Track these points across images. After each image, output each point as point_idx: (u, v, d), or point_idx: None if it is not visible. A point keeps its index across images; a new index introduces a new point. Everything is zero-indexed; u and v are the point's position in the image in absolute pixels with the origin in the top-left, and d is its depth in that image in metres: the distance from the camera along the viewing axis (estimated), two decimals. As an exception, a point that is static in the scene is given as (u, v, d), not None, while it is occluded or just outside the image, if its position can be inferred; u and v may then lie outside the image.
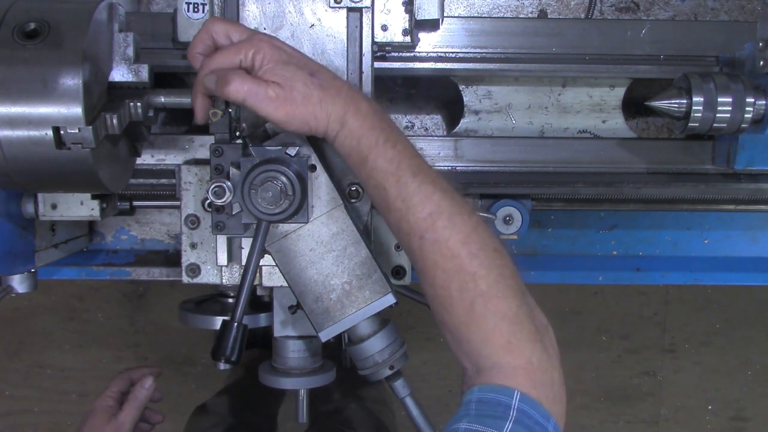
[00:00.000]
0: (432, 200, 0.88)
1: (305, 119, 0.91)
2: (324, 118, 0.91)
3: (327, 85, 0.92)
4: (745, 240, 1.63)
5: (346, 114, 0.91)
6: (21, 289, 1.28)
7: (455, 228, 0.87)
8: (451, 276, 0.87)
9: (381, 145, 0.90)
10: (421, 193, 0.88)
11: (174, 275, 1.53)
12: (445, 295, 0.88)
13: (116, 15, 1.03)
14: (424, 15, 1.18)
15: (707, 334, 2.70)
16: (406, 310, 2.50)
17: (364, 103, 0.93)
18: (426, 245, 0.88)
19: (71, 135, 0.92)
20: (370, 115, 0.92)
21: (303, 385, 1.22)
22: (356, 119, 0.91)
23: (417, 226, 0.88)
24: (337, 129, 0.92)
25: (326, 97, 0.91)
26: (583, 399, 2.71)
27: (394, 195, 0.89)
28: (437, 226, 0.87)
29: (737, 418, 2.76)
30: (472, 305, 0.86)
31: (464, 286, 0.87)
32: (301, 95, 0.90)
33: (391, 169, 0.89)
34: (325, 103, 0.91)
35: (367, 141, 0.91)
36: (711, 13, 1.58)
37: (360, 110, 0.92)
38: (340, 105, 0.91)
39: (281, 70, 0.91)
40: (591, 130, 1.43)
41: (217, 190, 0.97)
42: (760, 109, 1.19)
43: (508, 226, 1.34)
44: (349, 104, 0.92)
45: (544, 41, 1.33)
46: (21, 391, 2.63)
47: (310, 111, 0.91)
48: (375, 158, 0.90)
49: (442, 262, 0.87)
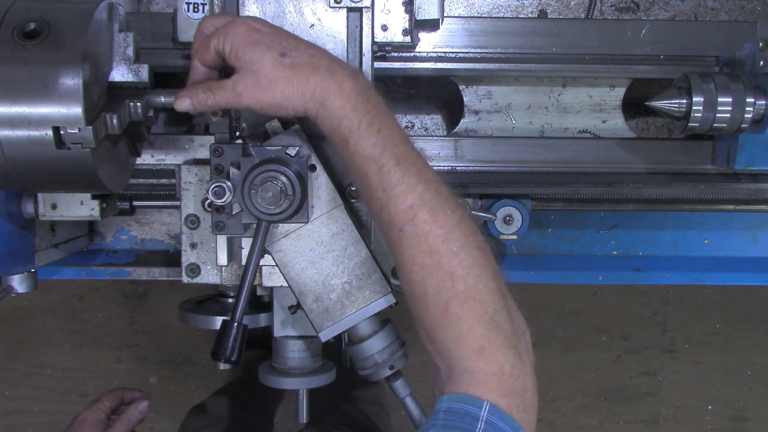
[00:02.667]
0: (414, 192, 0.84)
1: (277, 102, 0.88)
2: (298, 97, 0.87)
3: (300, 63, 0.87)
4: (745, 240, 1.63)
5: (325, 92, 0.86)
6: (21, 289, 1.28)
7: (436, 223, 0.83)
8: (428, 273, 0.84)
9: (364, 129, 0.86)
10: (403, 184, 0.84)
11: (174, 275, 1.53)
12: (421, 293, 0.85)
13: (116, 15, 1.03)
14: (424, 15, 1.18)
15: (707, 334, 2.70)
16: (406, 310, 2.49)
17: (348, 80, 0.87)
18: (405, 238, 0.84)
19: (71, 135, 0.92)
20: (354, 94, 0.87)
21: (303, 385, 1.22)
22: (337, 98, 0.86)
23: (397, 217, 0.84)
24: (316, 108, 0.87)
25: (298, 75, 0.87)
26: (583, 399, 2.71)
27: (376, 183, 0.85)
28: (417, 219, 0.83)
29: (737, 418, 2.76)
30: (447, 305, 0.83)
31: (441, 285, 0.83)
32: (267, 78, 0.87)
33: (374, 155, 0.85)
34: (297, 81, 0.86)
35: (349, 123, 0.86)
36: (711, 13, 1.58)
37: (342, 88, 0.86)
38: (316, 83, 0.86)
39: (247, 53, 0.88)
40: (591, 130, 1.43)
41: (217, 190, 0.97)
42: (760, 109, 1.19)
43: (508, 226, 1.34)
44: (328, 82, 0.86)
45: (544, 41, 1.32)
46: (21, 391, 2.63)
47: (280, 92, 0.87)
48: (356, 142, 0.86)
49: (420, 258, 0.84)
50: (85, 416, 1.30)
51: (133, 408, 1.35)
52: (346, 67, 0.90)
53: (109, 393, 1.37)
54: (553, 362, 2.65)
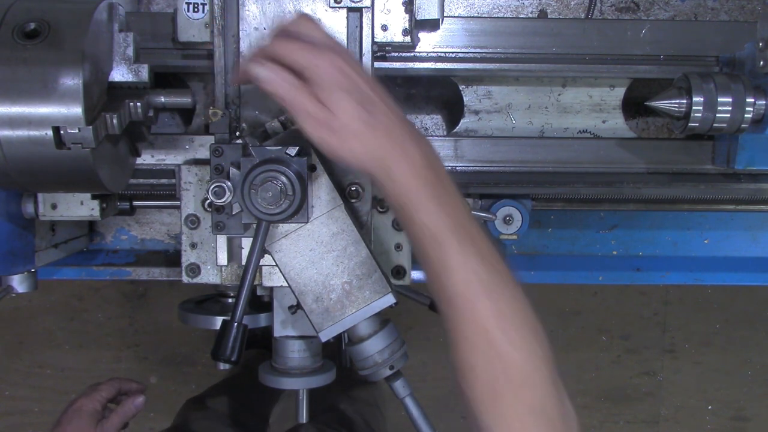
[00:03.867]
0: (470, 267, 0.81)
1: (339, 151, 0.84)
2: (362, 155, 0.84)
3: (374, 122, 0.84)
4: (745, 240, 1.63)
5: (390, 157, 0.83)
6: (21, 289, 1.28)
7: (491, 300, 0.80)
8: (478, 352, 0.80)
9: (425, 200, 0.82)
10: (459, 259, 0.81)
11: (174, 275, 1.53)
12: (468, 369, 0.81)
13: (116, 15, 1.03)
14: (424, 15, 1.18)
15: (707, 334, 2.70)
16: (406, 310, 2.49)
17: (416, 148, 0.84)
18: (457, 313, 0.81)
19: (71, 135, 0.92)
20: (419, 162, 0.83)
21: (303, 385, 1.22)
22: (401, 165, 0.83)
23: (450, 290, 0.82)
24: (378, 171, 0.84)
25: (370, 135, 0.83)
26: (583, 399, 2.71)
27: (432, 255, 0.83)
28: (471, 295, 0.81)
29: (737, 418, 2.76)
30: (495, 388, 0.79)
31: (491, 366, 0.80)
32: (340, 125, 0.83)
33: (432, 226, 0.82)
34: (367, 141, 0.83)
35: (410, 192, 0.83)
36: (711, 13, 1.58)
37: (407, 155, 0.83)
38: (384, 146, 0.83)
39: (329, 91, 0.83)
40: (591, 130, 1.43)
41: (217, 190, 0.97)
42: (760, 109, 1.19)
43: (508, 226, 1.34)
44: (395, 147, 0.83)
45: (544, 41, 1.32)
46: (21, 391, 2.64)
47: (348, 145, 0.83)
48: (416, 211, 0.83)
49: (470, 335, 0.81)
50: (81, 404, 1.30)
51: (129, 402, 1.35)
52: (415, 134, 0.87)
53: (107, 382, 1.37)
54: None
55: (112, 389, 1.36)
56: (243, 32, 1.09)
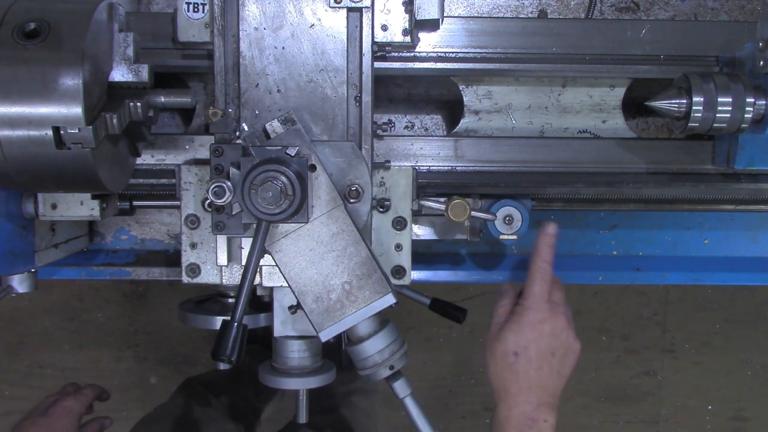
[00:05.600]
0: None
1: (497, 338, 1.10)
2: (503, 366, 1.09)
3: (541, 368, 1.08)
4: (745, 240, 1.63)
5: (512, 393, 1.07)
6: (21, 289, 1.28)
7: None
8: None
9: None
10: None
11: (174, 275, 1.53)
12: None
13: (116, 15, 1.03)
14: (424, 15, 1.18)
15: (707, 334, 2.70)
16: (406, 310, 2.50)
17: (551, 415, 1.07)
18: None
19: (71, 135, 0.93)
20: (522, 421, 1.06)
21: (303, 385, 1.22)
22: (509, 406, 1.07)
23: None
24: (496, 391, 1.10)
25: (520, 366, 1.07)
26: (583, 399, 2.71)
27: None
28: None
29: (737, 418, 2.76)
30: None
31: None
32: (525, 362, 1.08)
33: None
34: (515, 367, 1.07)
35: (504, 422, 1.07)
36: (711, 13, 1.58)
37: (523, 408, 1.06)
38: (516, 383, 1.07)
39: (536, 355, 1.09)
40: (591, 130, 1.43)
41: (217, 190, 0.97)
42: (760, 109, 1.19)
43: (508, 226, 1.34)
44: (523, 394, 1.07)
45: (544, 41, 1.32)
46: (21, 391, 2.64)
47: (506, 380, 1.08)
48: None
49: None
50: (71, 406, 1.36)
51: (105, 421, 1.44)
52: (552, 402, 1.10)
53: (89, 387, 1.44)
54: (553, 362, 2.64)
55: (93, 394, 1.42)
56: (243, 32, 1.09)
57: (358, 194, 1.09)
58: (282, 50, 1.09)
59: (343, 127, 1.11)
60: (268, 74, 1.09)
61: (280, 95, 1.10)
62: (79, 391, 1.41)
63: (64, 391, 1.42)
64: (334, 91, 1.10)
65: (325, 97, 1.10)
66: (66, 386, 1.45)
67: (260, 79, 1.10)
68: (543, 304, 1.11)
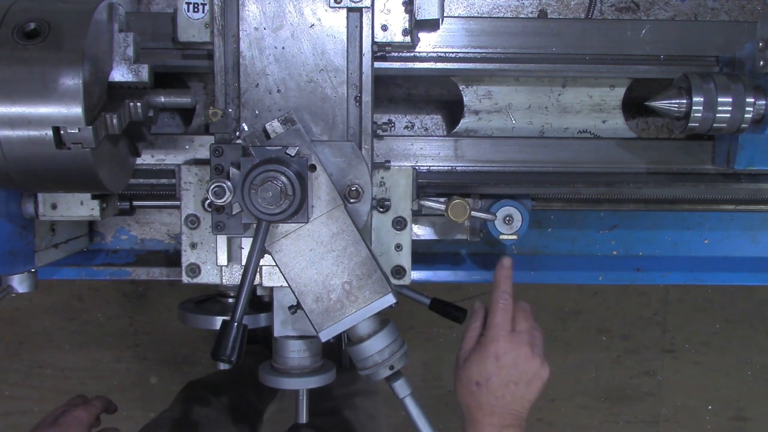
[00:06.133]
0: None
1: (472, 358, 1.16)
2: (476, 410, 1.14)
3: (483, 401, 1.14)
4: (745, 240, 1.63)
5: (482, 415, 1.13)
6: (21, 289, 1.28)
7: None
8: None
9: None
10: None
11: (174, 275, 1.53)
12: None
13: (116, 15, 1.03)
14: (424, 15, 1.18)
15: (707, 334, 2.70)
16: (406, 310, 2.50)
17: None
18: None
19: (71, 135, 0.93)
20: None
21: (303, 385, 1.22)
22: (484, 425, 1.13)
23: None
24: (465, 409, 1.16)
25: (491, 393, 1.13)
26: (583, 399, 2.71)
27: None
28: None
29: (737, 418, 2.76)
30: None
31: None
32: (491, 384, 1.14)
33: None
34: (487, 392, 1.13)
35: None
36: (711, 13, 1.58)
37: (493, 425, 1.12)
38: (490, 405, 1.13)
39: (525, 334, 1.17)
40: (591, 130, 1.43)
41: (217, 190, 0.97)
42: (760, 109, 1.19)
43: (508, 226, 1.34)
44: (493, 416, 1.12)
45: (544, 41, 1.32)
46: (21, 391, 2.64)
47: (475, 398, 1.14)
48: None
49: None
50: (82, 416, 1.38)
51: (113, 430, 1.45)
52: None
53: (97, 398, 1.46)
54: (553, 362, 2.63)
55: (102, 405, 1.45)
56: (243, 32, 1.09)
57: (358, 194, 1.09)
58: (282, 50, 1.09)
59: (343, 127, 1.11)
60: (268, 74, 1.10)
61: (280, 95, 1.10)
62: (87, 402, 1.44)
63: (72, 403, 1.44)
64: (334, 91, 1.10)
65: (325, 97, 1.10)
66: (74, 398, 1.47)
67: (260, 79, 1.10)
68: (504, 336, 1.16)
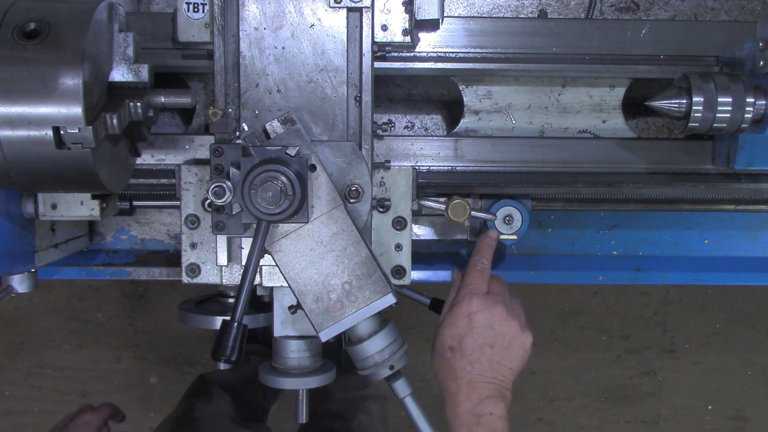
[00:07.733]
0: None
1: (449, 315, 1.09)
2: (453, 383, 1.06)
3: (466, 370, 1.06)
4: (745, 240, 1.63)
5: (462, 385, 1.05)
6: (21, 289, 1.28)
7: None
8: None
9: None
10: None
11: (174, 275, 1.53)
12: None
13: (116, 15, 1.03)
14: (424, 15, 1.18)
15: (707, 334, 2.70)
16: (406, 310, 2.50)
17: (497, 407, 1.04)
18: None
19: (71, 135, 0.93)
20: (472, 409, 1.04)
21: (303, 385, 1.22)
22: (463, 395, 1.05)
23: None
24: (442, 381, 1.08)
25: (465, 375, 1.06)
26: (583, 399, 2.71)
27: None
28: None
29: (737, 418, 2.76)
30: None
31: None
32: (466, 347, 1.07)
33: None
34: (464, 375, 1.05)
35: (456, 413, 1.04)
36: (711, 13, 1.58)
37: (473, 396, 1.04)
38: (470, 401, 1.04)
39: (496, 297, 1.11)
40: (591, 130, 1.43)
41: (217, 190, 0.97)
42: (760, 109, 1.19)
43: (508, 226, 1.34)
44: (473, 384, 1.05)
45: (544, 41, 1.32)
46: (21, 391, 2.64)
47: (454, 324, 1.07)
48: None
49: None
50: (90, 420, 1.42)
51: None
52: (501, 391, 1.07)
53: (105, 405, 1.51)
54: (553, 362, 2.65)
55: (110, 411, 1.49)
56: (243, 32, 1.09)
57: (358, 194, 1.09)
58: (282, 50, 1.09)
59: (343, 127, 1.11)
60: (268, 74, 1.10)
61: (280, 95, 1.10)
62: (96, 408, 1.48)
63: (81, 410, 1.49)
64: (334, 91, 1.10)
65: (325, 97, 1.10)
66: (83, 407, 1.51)
67: (260, 79, 1.10)
68: (477, 295, 1.09)
